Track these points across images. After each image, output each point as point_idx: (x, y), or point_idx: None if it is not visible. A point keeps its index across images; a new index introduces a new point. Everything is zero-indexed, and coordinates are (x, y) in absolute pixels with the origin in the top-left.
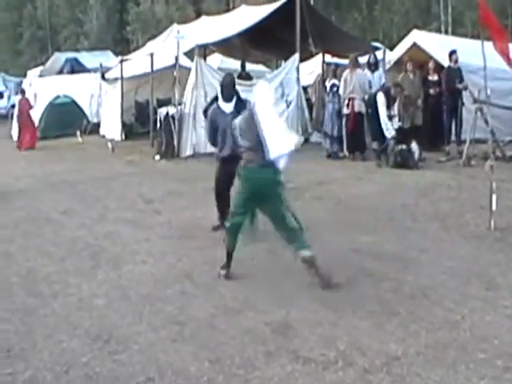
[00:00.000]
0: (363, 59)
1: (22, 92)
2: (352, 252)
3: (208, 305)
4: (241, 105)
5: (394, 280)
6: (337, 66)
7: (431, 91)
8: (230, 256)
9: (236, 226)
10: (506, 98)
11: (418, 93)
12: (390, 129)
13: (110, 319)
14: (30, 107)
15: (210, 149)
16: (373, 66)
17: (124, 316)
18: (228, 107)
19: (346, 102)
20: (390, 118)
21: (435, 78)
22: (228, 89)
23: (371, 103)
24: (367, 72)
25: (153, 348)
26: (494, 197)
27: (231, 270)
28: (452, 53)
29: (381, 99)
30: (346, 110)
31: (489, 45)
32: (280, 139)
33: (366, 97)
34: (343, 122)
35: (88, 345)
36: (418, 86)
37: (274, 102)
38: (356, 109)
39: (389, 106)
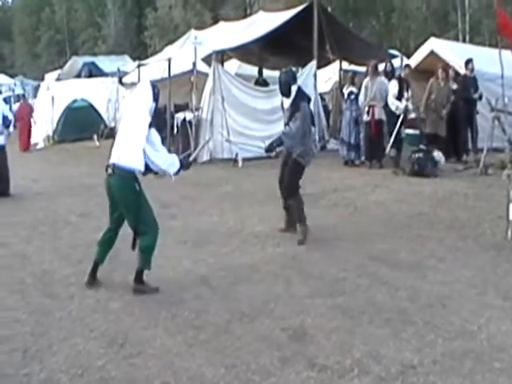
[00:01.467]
0: (380, 67)
1: (23, 96)
2: (368, 259)
3: (224, 310)
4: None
5: (410, 288)
6: (354, 73)
7: (452, 98)
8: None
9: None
10: None
11: (444, 102)
12: (398, 106)
13: (125, 323)
14: (32, 111)
15: (227, 154)
16: (389, 74)
17: (139, 320)
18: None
19: (367, 109)
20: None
21: (454, 86)
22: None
23: (389, 110)
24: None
25: (168, 352)
26: (511, 206)
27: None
28: (468, 61)
29: (392, 83)
30: (366, 117)
31: (507, 53)
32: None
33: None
34: (361, 129)
35: (103, 348)
36: (446, 95)
37: None
38: (376, 116)
39: (401, 93)
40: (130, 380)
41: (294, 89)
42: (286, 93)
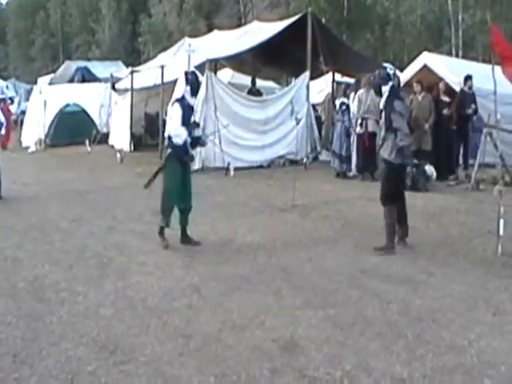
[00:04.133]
0: None
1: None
2: (360, 272)
3: (215, 319)
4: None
5: (401, 302)
6: (347, 85)
7: (444, 111)
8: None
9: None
10: None
11: (427, 116)
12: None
13: (116, 329)
14: (10, 113)
15: (219, 163)
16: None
17: (131, 327)
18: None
19: (360, 121)
20: None
21: (446, 98)
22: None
23: None
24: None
25: (159, 360)
26: (502, 222)
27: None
28: (468, 78)
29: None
30: (359, 130)
31: (499, 70)
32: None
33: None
34: (352, 142)
35: (94, 354)
36: (428, 109)
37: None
38: (370, 129)
39: None
40: None
41: (385, 89)
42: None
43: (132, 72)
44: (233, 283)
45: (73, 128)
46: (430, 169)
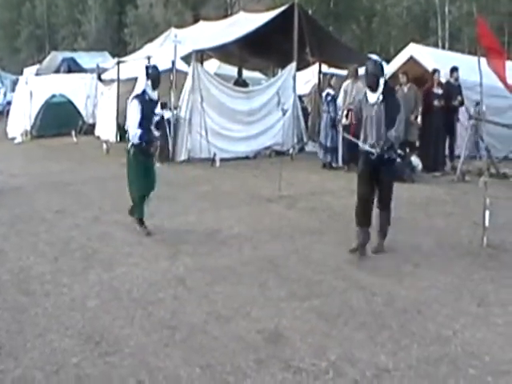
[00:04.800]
0: (360, 71)
1: None
2: (345, 263)
3: (200, 310)
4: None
5: (387, 293)
6: (332, 75)
7: (435, 103)
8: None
9: None
10: (501, 115)
11: (412, 108)
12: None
13: (101, 321)
14: None
15: (205, 154)
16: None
17: (116, 318)
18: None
19: (345, 112)
20: None
21: (439, 91)
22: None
23: None
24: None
25: (144, 351)
26: (488, 213)
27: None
28: (454, 69)
29: None
30: (344, 121)
31: (485, 62)
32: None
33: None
34: (338, 133)
35: (79, 345)
36: (413, 100)
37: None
38: (355, 120)
39: None
40: (106, 378)
41: (382, 82)
42: (372, 86)
43: (118, 63)
44: (218, 274)
45: (59, 119)
46: (415, 160)
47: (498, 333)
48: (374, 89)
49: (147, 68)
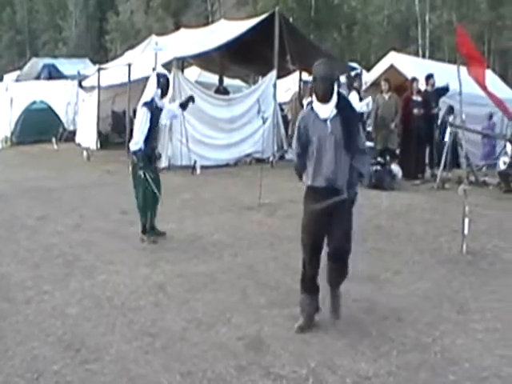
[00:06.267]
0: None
1: None
2: (325, 271)
3: (181, 318)
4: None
5: (366, 301)
6: None
7: (415, 111)
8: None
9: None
10: (481, 123)
11: (393, 115)
12: (368, 102)
13: (82, 328)
14: None
15: (186, 161)
16: (350, 87)
17: (97, 325)
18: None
19: None
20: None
21: (419, 98)
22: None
23: None
24: (354, 93)
25: (125, 359)
26: (467, 221)
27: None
28: (429, 77)
29: (353, 94)
30: None
31: (465, 70)
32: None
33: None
34: None
35: (60, 353)
36: (394, 108)
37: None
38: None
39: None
40: None
41: (335, 89)
42: (325, 95)
43: (99, 70)
44: (198, 281)
45: (39, 125)
46: (395, 168)
47: (477, 339)
48: (326, 99)
49: (158, 76)
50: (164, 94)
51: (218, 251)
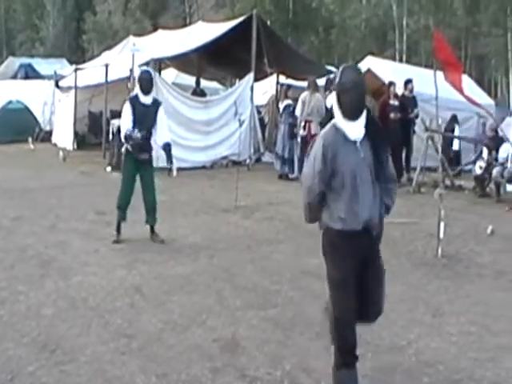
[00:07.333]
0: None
1: None
2: (301, 273)
3: (157, 319)
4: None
5: None
6: (289, 86)
7: (392, 115)
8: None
9: None
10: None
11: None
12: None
13: (57, 329)
14: None
15: (162, 163)
16: (328, 90)
17: (72, 327)
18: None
19: (303, 123)
20: None
21: (396, 103)
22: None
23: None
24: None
25: (100, 360)
26: (442, 224)
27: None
28: (408, 82)
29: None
30: (302, 132)
31: (441, 75)
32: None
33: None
34: (296, 144)
35: (35, 354)
36: (371, 112)
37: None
38: (313, 131)
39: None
40: None
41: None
42: (355, 111)
43: (76, 70)
44: (174, 283)
45: (15, 125)
46: None
47: (451, 342)
48: (358, 114)
49: (140, 72)
50: (145, 89)
51: (195, 253)
